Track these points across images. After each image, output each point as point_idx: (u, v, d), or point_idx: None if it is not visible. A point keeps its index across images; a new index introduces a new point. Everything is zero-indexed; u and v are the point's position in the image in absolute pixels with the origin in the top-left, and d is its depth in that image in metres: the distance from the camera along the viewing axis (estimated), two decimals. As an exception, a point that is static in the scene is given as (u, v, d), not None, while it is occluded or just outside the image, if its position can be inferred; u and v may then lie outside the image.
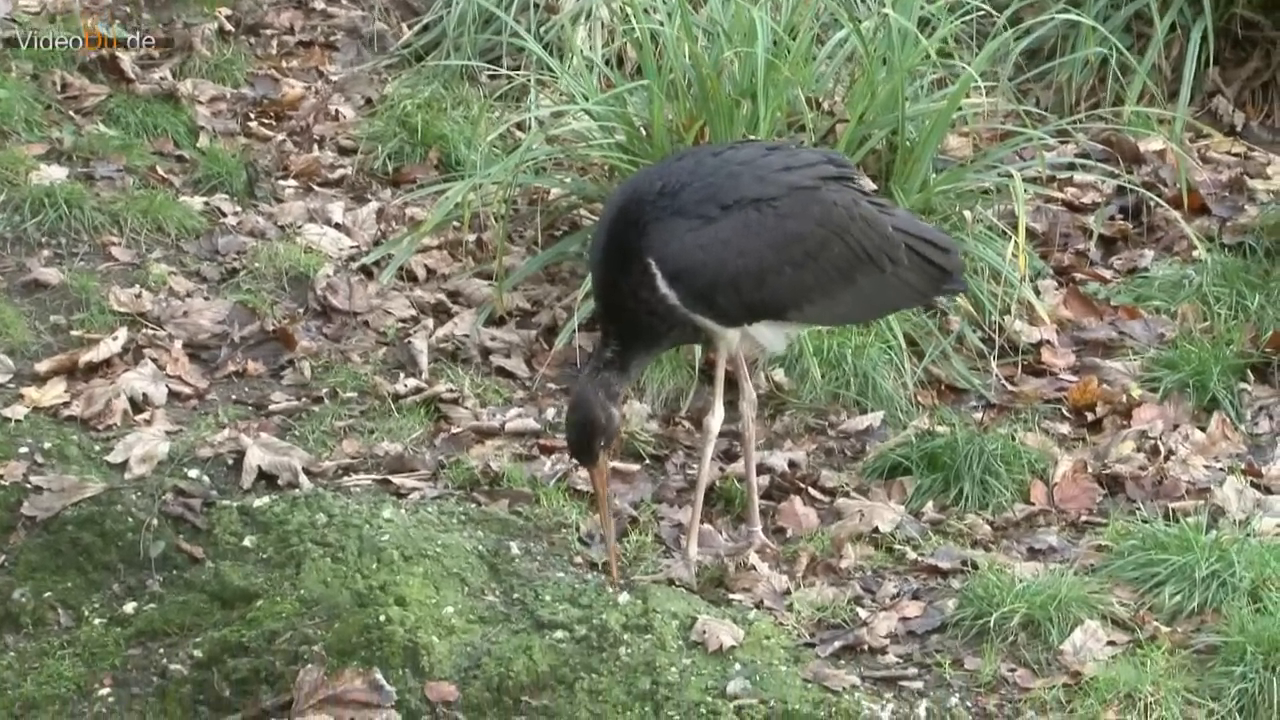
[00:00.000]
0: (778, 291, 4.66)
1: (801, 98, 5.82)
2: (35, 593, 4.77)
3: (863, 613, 4.72)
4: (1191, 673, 4.48)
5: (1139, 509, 5.08)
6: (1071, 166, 6.48)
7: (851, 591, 4.82)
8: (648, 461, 5.35)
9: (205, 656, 4.57)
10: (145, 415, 5.27)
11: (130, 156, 6.35)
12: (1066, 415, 5.61)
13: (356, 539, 4.74)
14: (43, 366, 5.39)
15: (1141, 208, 6.42)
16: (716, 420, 4.81)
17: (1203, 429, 5.50)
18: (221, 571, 4.74)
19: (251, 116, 6.85)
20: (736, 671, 4.44)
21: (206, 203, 6.25)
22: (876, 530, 5.03)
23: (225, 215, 6.21)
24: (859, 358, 5.56)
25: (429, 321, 5.81)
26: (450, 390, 5.48)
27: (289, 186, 6.49)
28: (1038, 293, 5.90)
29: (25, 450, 5.05)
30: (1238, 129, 7.08)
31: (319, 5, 7.50)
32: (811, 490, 5.24)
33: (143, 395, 5.32)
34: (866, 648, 4.60)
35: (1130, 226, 6.43)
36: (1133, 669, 4.44)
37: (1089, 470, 5.31)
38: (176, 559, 4.80)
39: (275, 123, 6.86)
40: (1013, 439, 5.35)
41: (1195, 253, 6.13)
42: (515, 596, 4.66)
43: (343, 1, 7.54)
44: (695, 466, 5.13)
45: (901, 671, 4.53)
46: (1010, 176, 5.72)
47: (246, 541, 4.79)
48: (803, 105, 5.83)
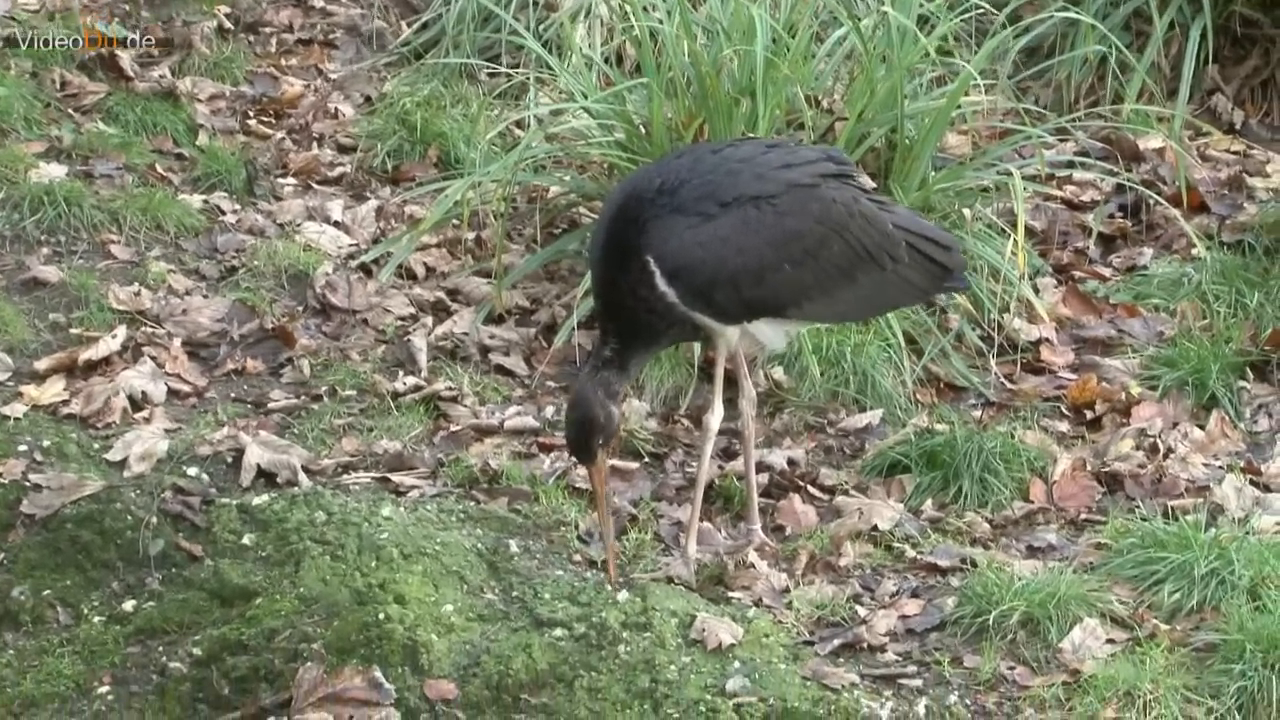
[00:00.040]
0: (777, 289, 4.66)
1: (801, 96, 5.81)
2: (34, 591, 4.77)
3: (862, 611, 4.72)
4: (1190, 671, 4.48)
5: (1138, 507, 5.07)
6: (1071, 164, 6.47)
7: (851, 589, 4.82)
8: (647, 460, 5.34)
9: (204, 654, 4.57)
10: (144, 413, 5.27)
11: (129, 154, 6.35)
12: (1065, 413, 5.61)
13: (356, 537, 4.74)
14: (42, 364, 5.39)
15: (1141, 206, 6.41)
16: (716, 418, 4.81)
17: (1202, 427, 5.50)
18: (221, 569, 4.74)
19: (251, 114, 6.85)
20: (735, 669, 4.44)
21: (206, 201, 6.25)
22: (876, 528, 5.03)
23: (224, 213, 6.21)
24: (858, 356, 5.56)
25: (428, 319, 5.81)
26: (449, 388, 5.48)
27: (288, 184, 6.49)
28: (1037, 291, 5.90)
29: (24, 448, 5.05)
30: (1237, 127, 7.07)
31: (318, 3, 7.49)
32: (811, 488, 5.24)
33: (142, 393, 5.32)
34: (866, 645, 4.60)
35: (1129, 224, 6.43)
36: (1132, 667, 4.44)
37: (1088, 468, 5.31)
38: (176, 557, 4.80)
39: (274, 121, 6.86)
40: (1012, 437, 5.35)
41: (1194, 251, 6.13)
42: (514, 594, 4.66)
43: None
44: (694, 464, 5.13)
45: (900, 669, 4.53)
46: (1009, 174, 5.72)
47: (246, 539, 4.79)
48: (802, 103, 5.82)
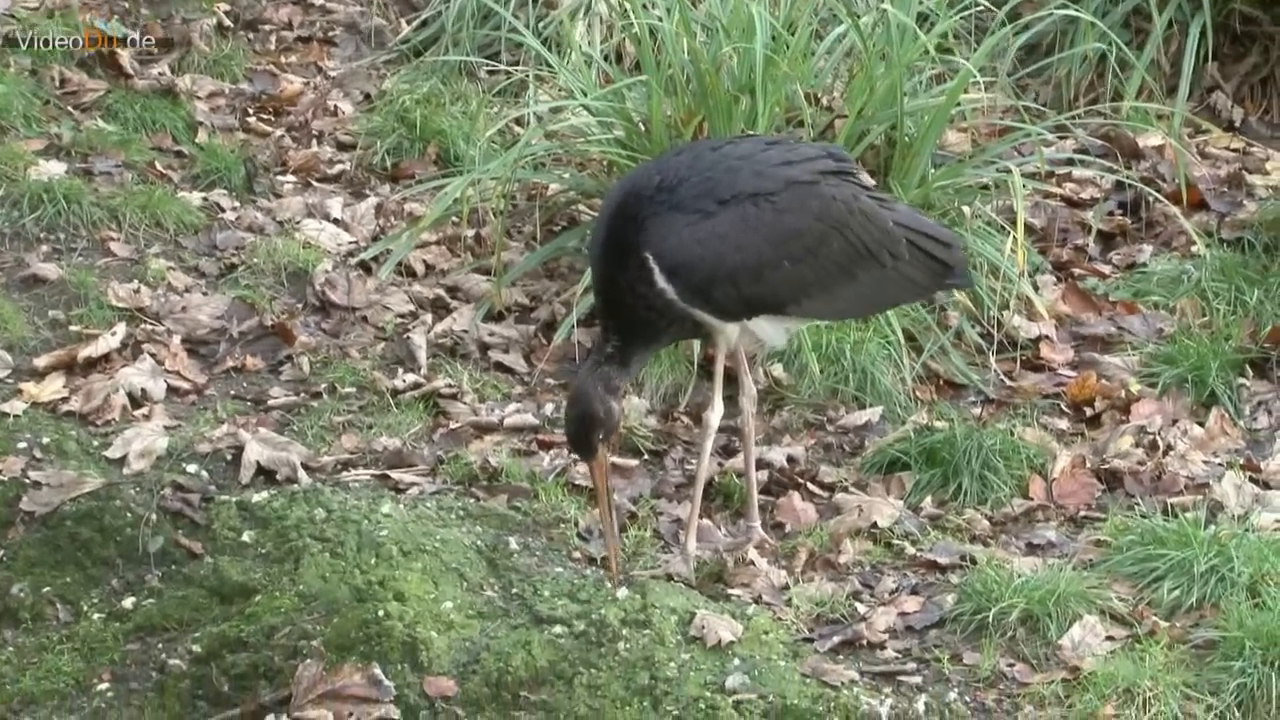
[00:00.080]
0: (776, 286, 4.66)
1: (800, 93, 5.81)
2: (34, 588, 4.77)
3: (861, 608, 4.72)
4: (1190, 668, 4.48)
5: (1137, 504, 5.07)
6: (1070, 162, 6.47)
7: (850, 587, 4.82)
8: (646, 457, 5.34)
9: (204, 652, 4.57)
10: (144, 410, 5.27)
11: (129, 152, 6.35)
12: (1065, 410, 5.60)
13: (355, 534, 4.73)
14: (41, 362, 5.39)
15: (1140, 203, 6.41)
16: (716, 415, 4.81)
17: (1201, 424, 5.49)
18: (220, 567, 4.74)
19: (250, 112, 6.85)
20: (735, 666, 4.43)
21: (205, 198, 6.24)
22: (875, 525, 5.03)
23: (224, 211, 6.21)
24: (858, 353, 5.55)
25: (427, 317, 5.81)
26: (449, 385, 5.48)
27: (287, 182, 6.48)
28: (1036, 288, 5.90)
29: (24, 445, 5.05)
30: (1236, 124, 7.07)
31: (317, 0, 7.49)
32: (810, 485, 5.24)
33: (141, 390, 5.31)
34: (865, 643, 4.59)
35: (1129, 222, 6.43)
36: (1131, 664, 4.44)
37: (1087, 465, 5.31)
38: (175, 554, 4.80)
39: (274, 118, 6.86)
40: (1011, 434, 5.35)
41: (1194, 248, 6.13)
42: (514, 592, 4.66)
43: (341, -3, 7.55)
44: (694, 462, 5.13)
45: (900, 666, 4.53)
46: (1009, 172, 5.72)
47: (245, 537, 4.79)
48: (801, 101, 5.82)
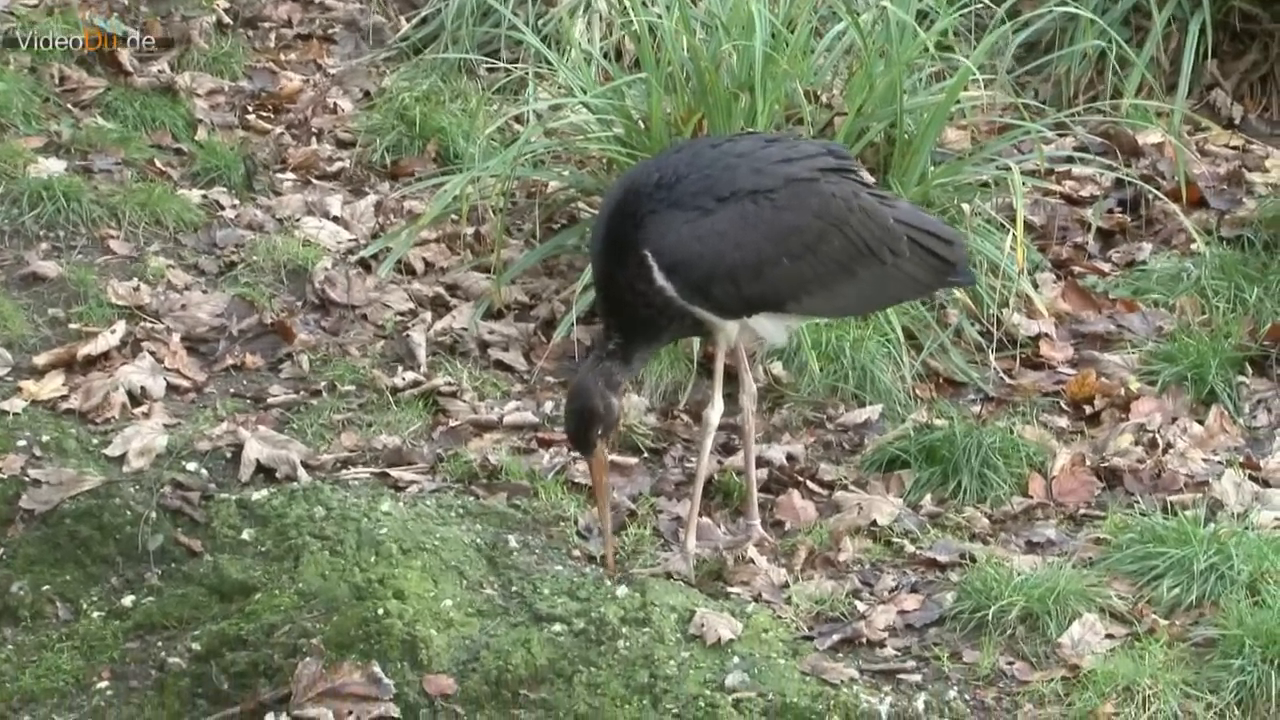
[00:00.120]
0: (776, 284, 4.66)
1: (800, 91, 5.81)
2: (33, 586, 4.77)
3: (861, 606, 4.72)
4: (1190, 666, 4.48)
5: (1137, 502, 5.07)
6: (1070, 159, 6.47)
7: (850, 585, 4.82)
8: (646, 455, 5.34)
9: (204, 650, 4.57)
10: (143, 408, 5.27)
11: (128, 149, 6.35)
12: (1065, 408, 5.60)
13: (355, 532, 4.73)
14: (41, 359, 5.39)
15: (1140, 201, 6.41)
16: (716, 413, 4.80)
17: (1201, 422, 5.49)
18: (220, 565, 4.74)
19: (249, 109, 6.85)
20: (735, 664, 4.43)
21: (205, 196, 6.24)
22: (875, 523, 5.03)
23: (223, 208, 6.21)
24: (857, 351, 5.55)
25: (427, 315, 5.81)
26: (448, 383, 5.48)
27: (287, 179, 6.48)
28: (1036, 286, 5.90)
29: (23, 443, 5.05)
30: (1236, 122, 7.07)
31: (317, -2, 7.51)
32: (810, 483, 5.24)
33: (141, 388, 5.31)
34: (865, 641, 4.59)
35: (1128, 219, 6.43)
36: (1131, 662, 4.44)
37: (1087, 463, 5.30)
38: (175, 552, 4.80)
39: (273, 116, 6.86)
40: (1011, 432, 5.35)
41: (1193, 246, 6.13)
42: (514, 590, 4.66)
43: (340, -5, 7.55)
44: (694, 460, 5.13)
45: (900, 664, 4.53)
46: (1008, 169, 5.72)
47: (245, 535, 4.79)
48: (801, 98, 5.82)
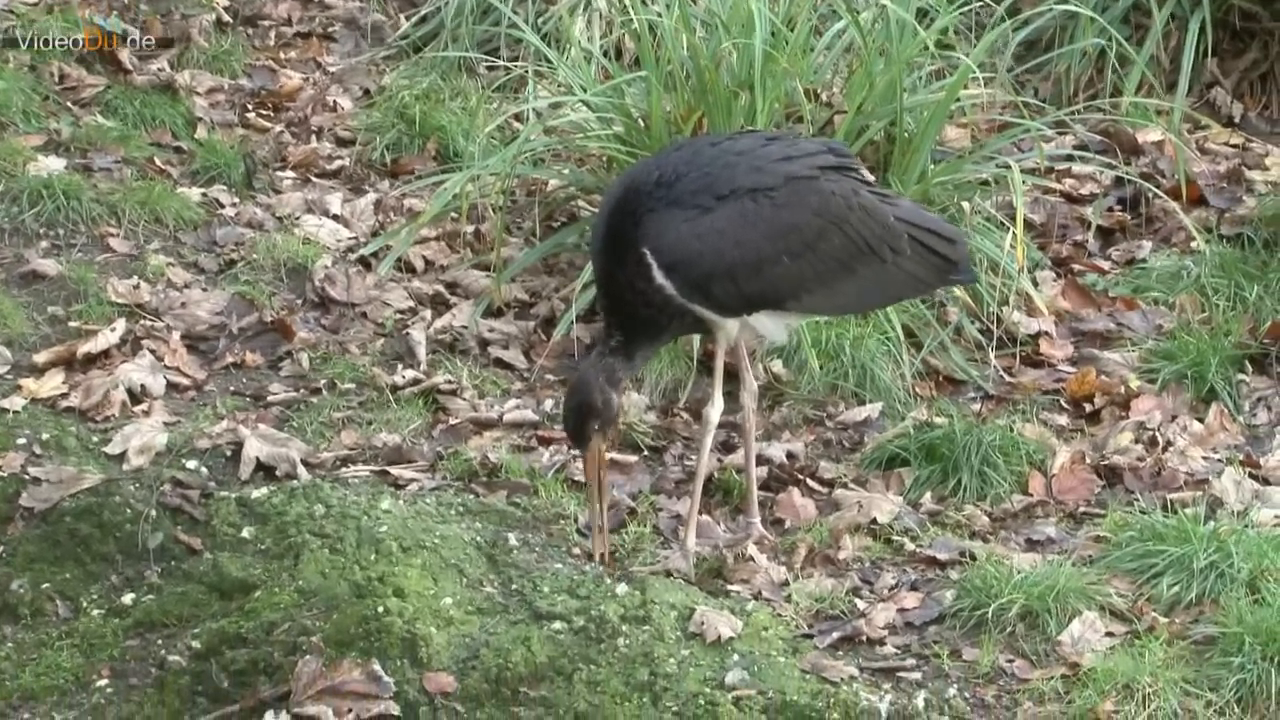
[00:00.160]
0: (775, 282, 4.65)
1: (799, 89, 5.81)
2: (33, 584, 4.76)
3: (861, 604, 4.72)
4: (1189, 664, 4.48)
5: (1137, 500, 5.07)
6: (1070, 158, 6.47)
7: (849, 583, 4.82)
8: (646, 453, 5.34)
9: (203, 647, 4.57)
10: (143, 406, 5.27)
11: (128, 148, 6.35)
12: (1065, 406, 5.60)
13: (355, 530, 4.73)
14: (41, 358, 5.39)
15: (1140, 199, 6.41)
16: (716, 411, 4.80)
17: (1201, 420, 5.49)
18: (220, 563, 4.74)
19: (249, 108, 6.85)
20: (734, 662, 4.43)
21: (204, 194, 6.24)
22: (875, 521, 5.03)
23: (223, 206, 6.21)
24: (857, 349, 5.55)
25: (427, 313, 5.81)
26: (448, 381, 5.48)
27: (287, 178, 6.48)
28: (1036, 284, 5.90)
29: (23, 441, 5.05)
30: (1236, 120, 7.08)
31: (316, -4, 7.51)
32: (810, 481, 5.24)
33: (141, 386, 5.31)
34: (864, 639, 4.59)
35: (1128, 218, 6.43)
36: (1131, 660, 4.44)
37: (1087, 461, 5.30)
38: (174, 550, 4.80)
39: (273, 114, 6.86)
40: (1011, 430, 5.34)
41: (1193, 244, 6.13)
42: (513, 588, 4.66)
43: (340, -7, 7.55)
44: (693, 458, 5.13)
45: (899, 662, 4.53)
46: (1008, 168, 5.72)
47: (245, 533, 4.79)
48: (801, 96, 5.82)
